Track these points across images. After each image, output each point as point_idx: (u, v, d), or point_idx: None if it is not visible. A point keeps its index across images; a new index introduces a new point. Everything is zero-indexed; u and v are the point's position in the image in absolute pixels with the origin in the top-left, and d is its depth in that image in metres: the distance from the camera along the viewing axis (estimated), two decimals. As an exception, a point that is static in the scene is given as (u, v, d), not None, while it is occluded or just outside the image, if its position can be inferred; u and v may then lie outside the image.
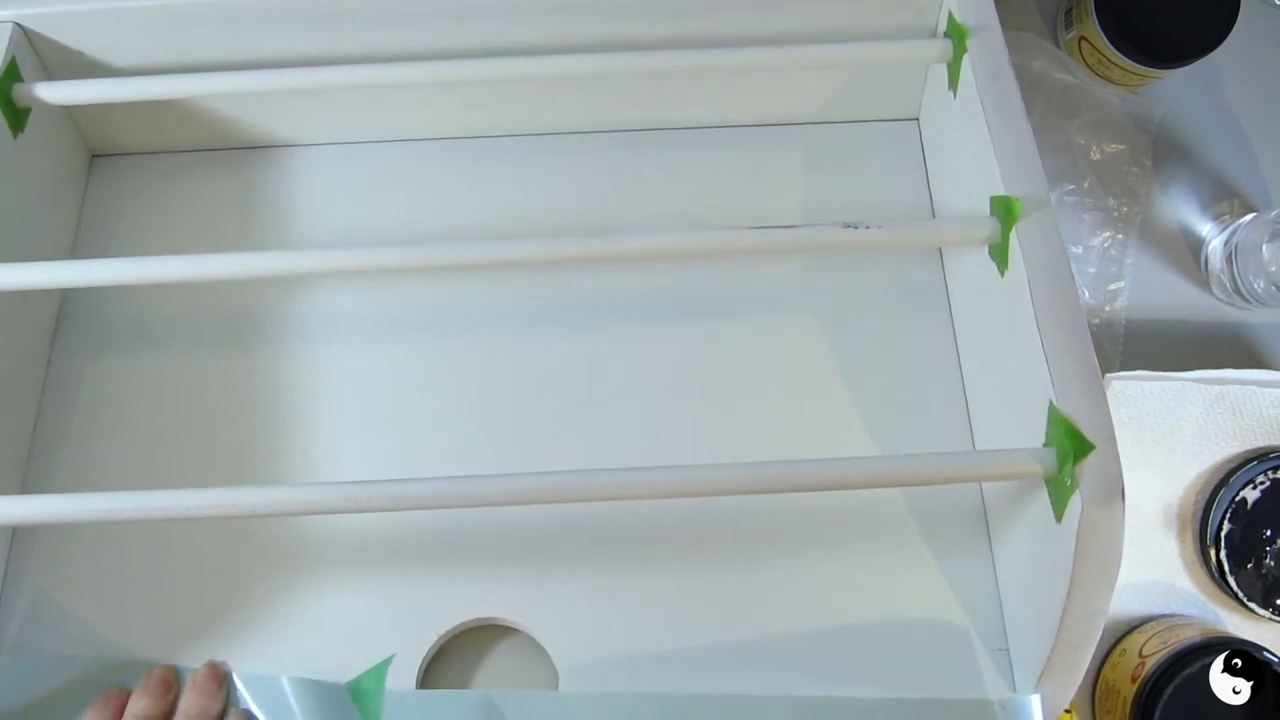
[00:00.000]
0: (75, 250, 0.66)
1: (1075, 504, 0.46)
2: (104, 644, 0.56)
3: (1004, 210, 0.53)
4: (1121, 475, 0.46)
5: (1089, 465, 0.46)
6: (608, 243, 0.55)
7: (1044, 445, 0.49)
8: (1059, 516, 0.47)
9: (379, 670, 0.54)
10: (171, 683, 0.54)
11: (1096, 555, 0.46)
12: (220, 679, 0.54)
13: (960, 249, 0.61)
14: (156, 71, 0.62)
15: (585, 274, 0.64)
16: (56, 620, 0.57)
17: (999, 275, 0.54)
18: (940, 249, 0.65)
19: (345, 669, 0.55)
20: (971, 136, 0.57)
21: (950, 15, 0.59)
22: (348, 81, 0.61)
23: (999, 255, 0.54)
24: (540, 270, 0.64)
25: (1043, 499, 0.49)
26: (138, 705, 0.53)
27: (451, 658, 0.57)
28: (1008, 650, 0.55)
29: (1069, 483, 0.46)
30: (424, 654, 0.55)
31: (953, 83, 0.60)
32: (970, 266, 0.59)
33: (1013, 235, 0.52)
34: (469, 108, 0.67)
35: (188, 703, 0.53)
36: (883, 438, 0.60)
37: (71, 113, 0.66)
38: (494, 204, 0.67)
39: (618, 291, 0.64)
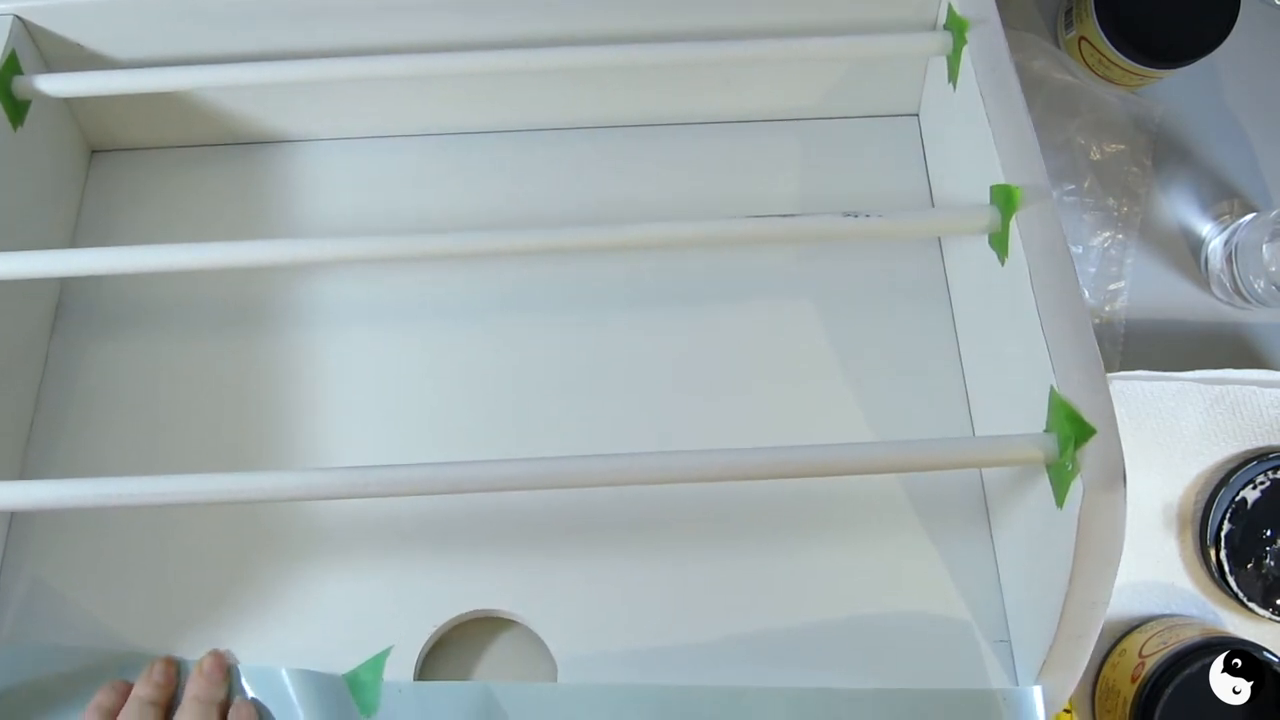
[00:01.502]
0: (74, 244, 0.66)
1: (1076, 489, 0.46)
2: (102, 633, 0.56)
3: (1004, 199, 0.53)
4: (1123, 460, 0.46)
5: (1090, 450, 0.46)
6: (607, 232, 0.55)
7: (1045, 431, 0.49)
8: (1060, 502, 0.47)
9: (376, 661, 0.54)
10: (174, 672, 0.54)
11: (1098, 541, 0.46)
12: (225, 667, 0.54)
13: (960, 238, 0.61)
14: (157, 65, 0.62)
15: (586, 264, 0.64)
16: (54, 609, 0.57)
17: (999, 264, 0.54)
18: (940, 239, 0.65)
19: (344, 659, 0.54)
20: (971, 129, 0.57)
21: (950, 8, 0.60)
22: (348, 74, 0.61)
23: (999, 244, 0.54)
24: (541, 260, 0.64)
25: (1043, 486, 0.49)
26: (142, 691, 0.53)
27: (449, 649, 0.57)
28: (1009, 641, 0.55)
29: (1070, 468, 0.46)
30: (422, 645, 0.55)
31: (952, 76, 0.60)
32: (970, 255, 0.59)
33: (1013, 224, 0.52)
34: (471, 102, 0.67)
35: (195, 688, 0.53)
36: (883, 425, 0.60)
37: (71, 106, 0.66)
38: (493, 199, 0.67)
39: (619, 281, 0.64)
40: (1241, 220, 0.69)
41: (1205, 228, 0.71)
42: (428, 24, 0.62)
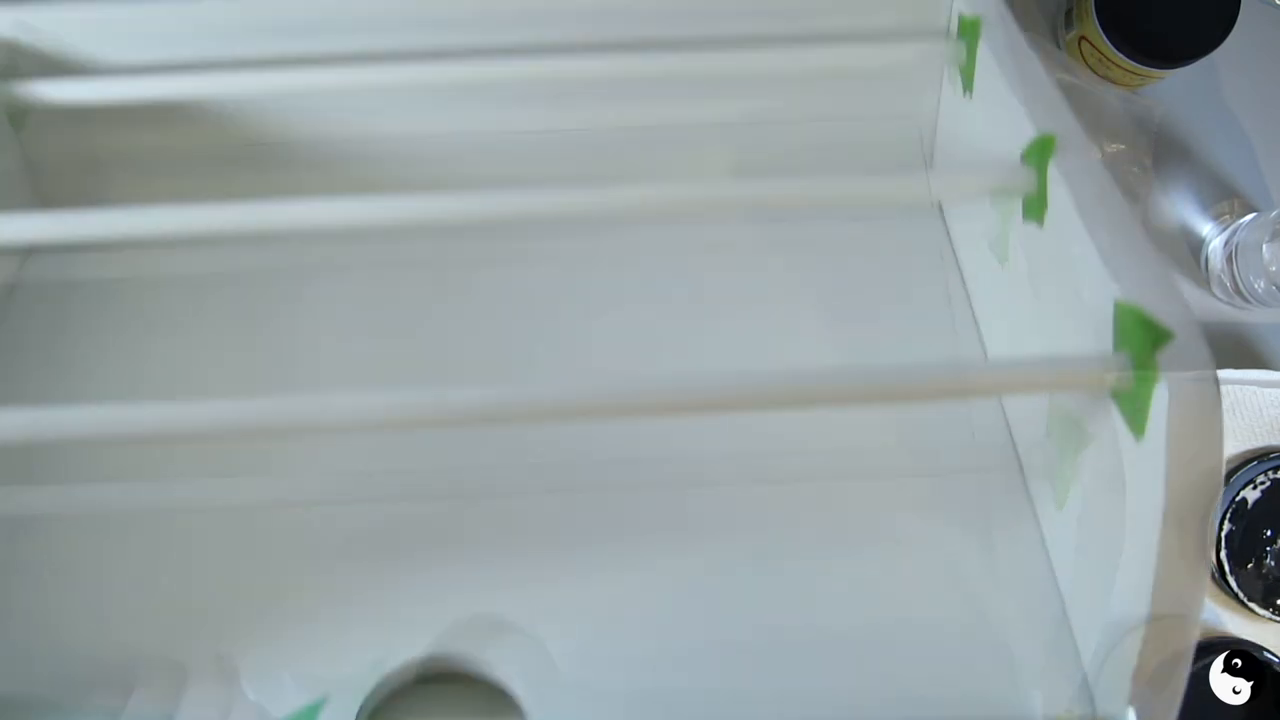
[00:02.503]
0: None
1: (1160, 402, 0.38)
2: (102, 638, 0.55)
3: (1038, 151, 0.49)
4: (1214, 365, 0.39)
5: (1171, 356, 0.39)
6: (604, 197, 0.53)
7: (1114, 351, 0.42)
8: (1140, 432, 0.40)
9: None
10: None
11: (1195, 466, 0.38)
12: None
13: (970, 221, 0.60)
14: (155, 72, 0.61)
15: (574, 233, 0.63)
16: (54, 613, 0.56)
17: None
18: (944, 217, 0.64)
19: (346, 662, 0.53)
20: (988, 128, 0.56)
21: (960, 16, 0.59)
22: (349, 83, 0.61)
23: (1035, 208, 0.49)
24: (535, 231, 0.63)
25: (1105, 434, 0.43)
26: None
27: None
28: (1076, 650, 0.48)
29: (1149, 380, 0.39)
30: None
31: (967, 85, 0.59)
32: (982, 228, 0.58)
33: (1051, 168, 0.48)
34: (470, 106, 0.67)
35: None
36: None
37: (71, 114, 0.66)
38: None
39: (612, 252, 0.64)
40: (1241, 220, 0.69)
41: (1205, 228, 0.71)
42: (433, 29, 0.62)
